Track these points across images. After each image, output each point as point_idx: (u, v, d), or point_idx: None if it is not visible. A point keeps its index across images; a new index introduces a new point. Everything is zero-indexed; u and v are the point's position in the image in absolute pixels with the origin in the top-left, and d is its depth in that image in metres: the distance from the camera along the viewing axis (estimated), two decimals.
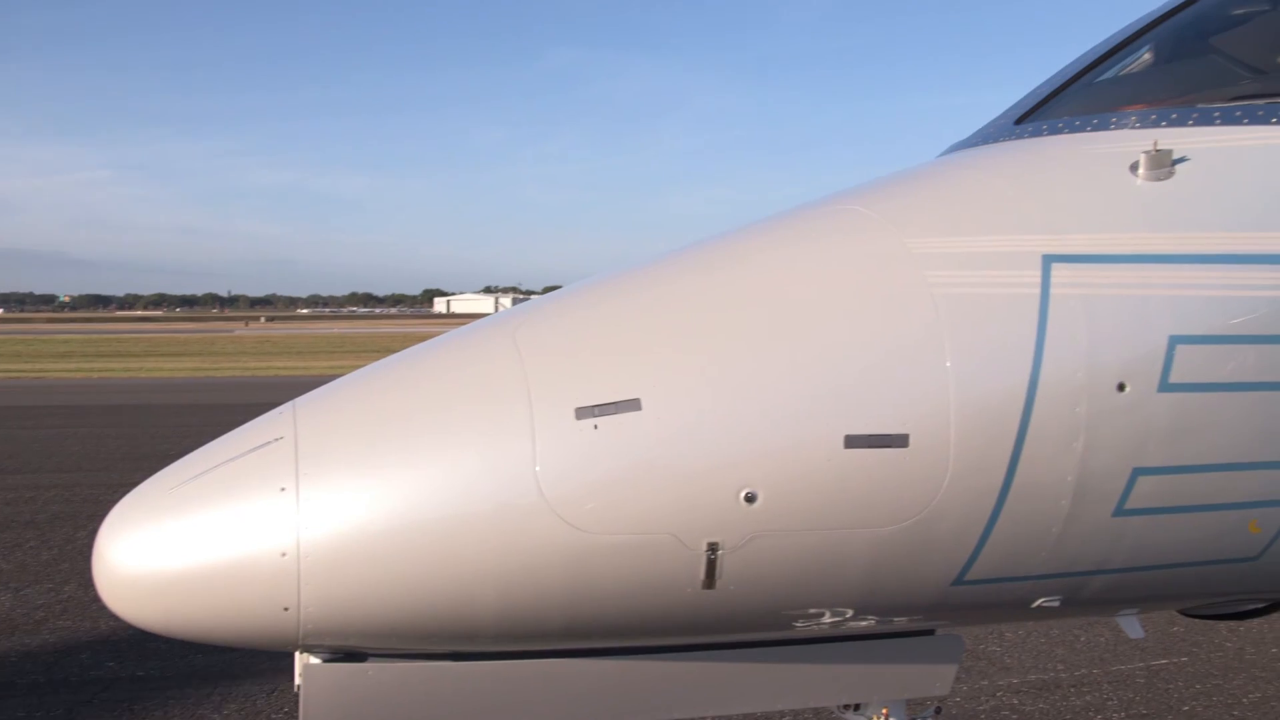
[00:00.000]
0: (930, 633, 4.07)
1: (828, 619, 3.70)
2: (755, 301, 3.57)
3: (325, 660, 3.50)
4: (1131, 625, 4.88)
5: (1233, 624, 8.95)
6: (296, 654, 3.53)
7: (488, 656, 3.63)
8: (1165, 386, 3.62)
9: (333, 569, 3.24)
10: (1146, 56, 5.15)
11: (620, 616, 3.48)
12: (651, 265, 3.84)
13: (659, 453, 3.30)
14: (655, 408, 3.32)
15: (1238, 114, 4.19)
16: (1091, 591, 3.96)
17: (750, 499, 3.31)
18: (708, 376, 3.39)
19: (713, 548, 3.34)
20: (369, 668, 3.54)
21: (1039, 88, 4.90)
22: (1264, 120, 4.16)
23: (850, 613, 3.69)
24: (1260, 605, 5.14)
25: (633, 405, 3.32)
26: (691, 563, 3.35)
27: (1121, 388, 3.57)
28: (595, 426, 3.29)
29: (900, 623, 3.89)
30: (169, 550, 3.24)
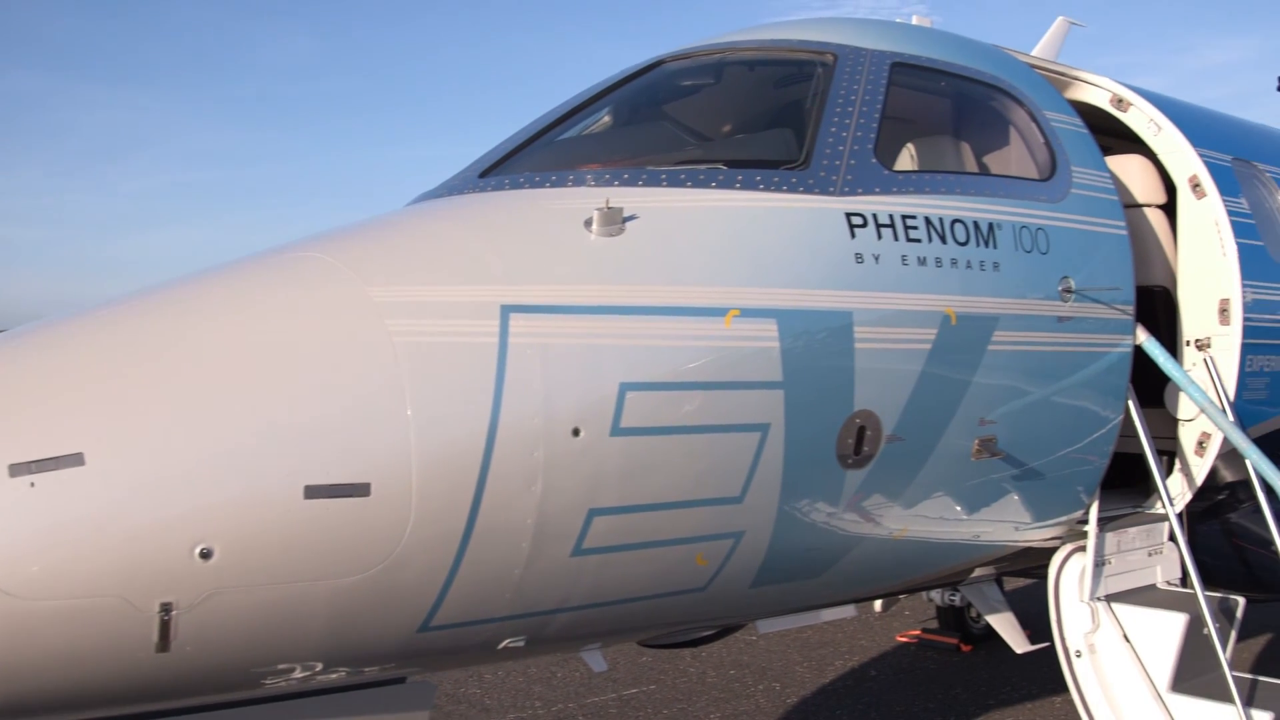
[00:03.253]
0: (401, 680, 4.05)
1: (297, 674, 3.60)
2: (211, 350, 3.43)
3: None
4: (595, 659, 5.09)
5: (693, 650, 9.55)
6: None
7: None
8: (617, 431, 3.83)
9: None
10: (605, 119, 5.46)
11: (66, 688, 3.21)
12: (99, 310, 3.60)
13: (104, 510, 3.09)
14: (100, 462, 3.10)
15: (682, 177, 4.52)
16: (555, 630, 4.09)
17: (206, 555, 3.17)
18: (158, 428, 3.21)
19: (166, 608, 3.16)
20: None
21: (504, 143, 5.07)
22: (704, 184, 4.51)
23: (319, 666, 3.61)
24: (712, 631, 5.55)
25: (75, 460, 3.08)
26: (143, 625, 3.15)
27: (576, 433, 3.73)
28: (32, 484, 3.03)
29: (371, 672, 3.85)
30: None
